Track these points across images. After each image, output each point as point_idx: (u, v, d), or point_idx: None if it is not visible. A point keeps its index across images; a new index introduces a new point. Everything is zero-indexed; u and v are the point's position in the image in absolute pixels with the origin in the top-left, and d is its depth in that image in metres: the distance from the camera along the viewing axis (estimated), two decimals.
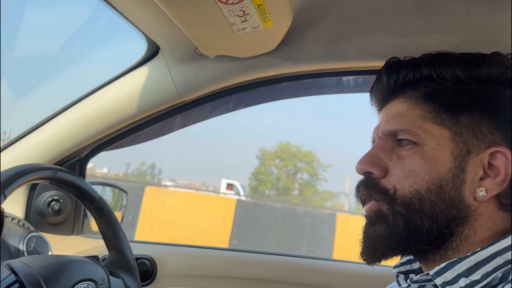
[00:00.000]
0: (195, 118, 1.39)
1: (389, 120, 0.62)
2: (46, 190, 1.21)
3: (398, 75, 0.64)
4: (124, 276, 0.88)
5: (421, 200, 0.56)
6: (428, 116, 0.59)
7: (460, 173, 0.56)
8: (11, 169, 0.70)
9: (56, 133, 1.14)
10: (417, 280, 0.58)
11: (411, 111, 0.60)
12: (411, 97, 0.61)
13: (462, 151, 0.56)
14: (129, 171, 17.09)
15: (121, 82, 1.10)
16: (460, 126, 0.57)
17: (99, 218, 0.89)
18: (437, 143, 0.57)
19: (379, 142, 0.63)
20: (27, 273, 0.70)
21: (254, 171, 19.41)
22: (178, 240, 7.55)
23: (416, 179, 0.56)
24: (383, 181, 0.60)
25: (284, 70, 0.99)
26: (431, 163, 0.56)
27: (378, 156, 0.61)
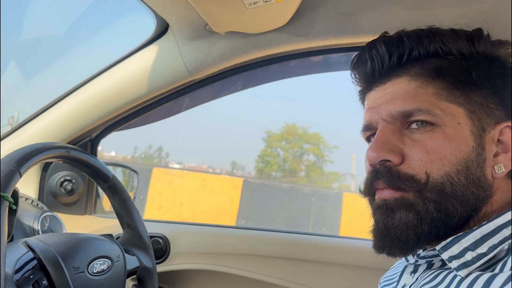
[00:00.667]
0: (204, 98, 1.38)
1: (397, 100, 0.57)
2: (58, 171, 1.22)
3: (401, 50, 0.59)
4: (138, 254, 0.89)
5: (453, 183, 0.53)
6: (442, 94, 0.56)
7: (481, 151, 0.55)
8: (26, 147, 0.70)
9: (66, 114, 1.14)
10: (424, 255, 0.57)
11: (422, 90, 0.56)
12: (419, 74, 0.57)
13: (478, 129, 0.55)
14: (137, 154, 17.17)
15: (130, 62, 1.09)
16: (473, 104, 0.56)
17: (112, 197, 0.90)
18: (456, 122, 0.55)
19: (386, 126, 0.58)
20: (44, 250, 0.71)
21: (261, 153, 19.42)
22: (186, 220, 7.65)
23: (443, 161, 0.53)
24: (403, 167, 0.55)
25: (295, 46, 0.97)
26: (455, 144, 0.54)
27: (390, 141, 0.56)
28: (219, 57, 1.02)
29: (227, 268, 1.17)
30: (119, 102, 1.10)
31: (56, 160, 0.78)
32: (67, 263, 0.70)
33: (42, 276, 0.67)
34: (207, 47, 1.01)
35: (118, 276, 0.79)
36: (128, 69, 1.09)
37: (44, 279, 0.67)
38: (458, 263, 0.51)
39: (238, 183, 8.84)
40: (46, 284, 0.67)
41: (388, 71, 0.60)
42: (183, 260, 1.19)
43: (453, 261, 0.52)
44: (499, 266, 0.48)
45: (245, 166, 14.68)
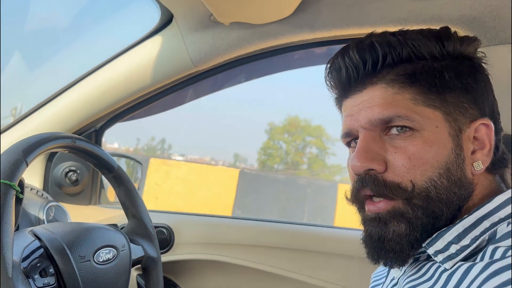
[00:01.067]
0: (208, 89, 1.38)
1: (376, 107, 0.57)
2: (63, 161, 1.22)
3: (375, 56, 0.58)
4: (143, 243, 0.89)
5: (436, 187, 0.54)
6: (419, 99, 0.56)
7: (460, 151, 0.56)
8: (32, 137, 0.71)
9: (71, 104, 1.15)
10: None
11: (399, 96, 0.56)
12: (394, 81, 0.57)
13: (455, 130, 0.56)
14: (139, 146, 17.21)
15: (135, 53, 1.09)
16: (448, 106, 0.56)
17: (117, 187, 0.90)
18: (435, 126, 0.55)
19: (367, 134, 0.57)
20: (51, 239, 0.71)
21: (263, 145, 19.43)
22: (182, 210, 7.72)
23: (426, 166, 0.54)
24: (388, 175, 0.55)
25: (300, 37, 0.97)
26: (435, 147, 0.54)
27: (373, 149, 0.56)
28: (224, 48, 1.01)
29: (230, 258, 1.18)
30: (124, 93, 1.11)
31: (61, 150, 0.78)
32: (73, 252, 0.71)
33: (49, 264, 0.68)
34: (211, 38, 1.01)
35: (123, 265, 0.80)
36: (133, 60, 1.09)
37: (51, 267, 0.68)
38: (443, 257, 0.53)
39: (234, 174, 8.90)
40: (53, 272, 0.68)
41: (364, 79, 0.59)
42: (186, 250, 1.20)
43: (438, 255, 0.54)
44: (479, 256, 0.50)
45: (248, 158, 14.71)
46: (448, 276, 0.51)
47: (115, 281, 0.77)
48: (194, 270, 1.24)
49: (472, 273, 0.47)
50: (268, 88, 25.49)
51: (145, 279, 0.91)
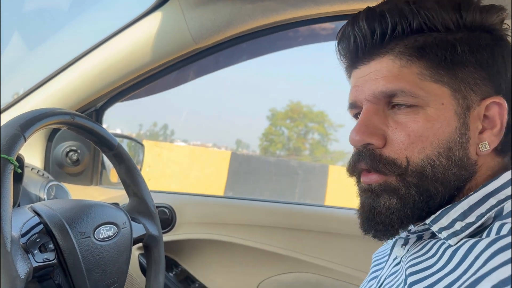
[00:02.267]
0: (210, 68, 1.36)
1: (380, 80, 0.55)
2: (63, 141, 1.21)
3: (384, 27, 0.56)
4: (145, 222, 0.89)
5: (433, 166, 0.53)
6: (426, 74, 0.54)
7: (465, 131, 0.54)
8: (30, 112, 0.69)
9: (71, 83, 1.13)
10: (415, 230, 0.57)
11: (406, 70, 0.54)
12: (403, 53, 0.55)
13: (463, 108, 0.54)
14: (142, 132, 17.23)
15: (134, 30, 1.07)
16: (458, 82, 0.54)
17: (118, 165, 0.89)
18: (440, 103, 0.53)
19: (370, 106, 0.56)
20: (50, 215, 0.70)
21: (265, 131, 19.43)
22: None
23: (424, 144, 0.53)
24: (386, 151, 0.55)
25: (303, 12, 0.95)
26: (437, 126, 0.53)
27: (373, 123, 0.55)
28: (225, 23, 0.99)
29: (231, 238, 1.18)
30: (124, 71, 1.09)
31: (60, 126, 0.77)
32: (73, 228, 0.70)
33: (48, 240, 0.67)
34: (212, 14, 0.98)
35: (124, 242, 0.79)
36: (132, 38, 1.07)
37: (51, 243, 0.67)
38: (447, 233, 0.52)
39: (226, 156, 8.93)
40: (53, 247, 0.67)
41: (371, 49, 0.57)
42: (188, 230, 1.19)
43: (442, 231, 0.53)
44: (485, 232, 0.49)
45: (250, 144, 14.72)
46: (452, 252, 0.49)
47: (116, 258, 0.77)
48: (195, 249, 1.24)
49: (477, 249, 0.46)
50: (270, 73, 25.35)
51: (147, 257, 0.91)
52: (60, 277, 0.69)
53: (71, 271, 0.68)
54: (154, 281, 0.89)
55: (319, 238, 1.17)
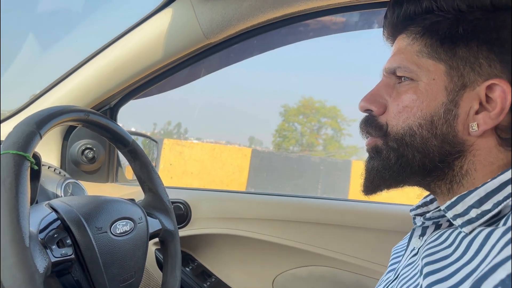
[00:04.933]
0: (221, 63, 1.36)
1: (391, 57, 0.61)
2: (79, 139, 1.23)
3: (401, 9, 0.61)
4: (160, 217, 0.89)
5: (412, 135, 0.56)
6: (425, 51, 0.57)
7: (452, 107, 0.54)
8: (45, 109, 0.70)
9: (84, 82, 1.14)
10: (430, 217, 0.59)
11: (409, 47, 0.59)
12: (411, 32, 0.60)
13: (456, 85, 0.55)
14: (156, 130, 17.36)
15: (145, 27, 1.08)
16: (457, 60, 0.55)
17: (133, 161, 0.90)
18: (432, 78, 0.56)
19: (383, 79, 0.63)
20: (67, 211, 0.71)
21: (278, 127, 19.40)
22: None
23: (408, 114, 0.57)
24: (381, 117, 0.61)
25: (314, 3, 0.94)
26: (423, 98, 0.56)
27: (379, 93, 0.62)
28: (236, 18, 0.99)
29: (246, 232, 1.18)
30: (136, 68, 1.09)
31: (75, 123, 0.78)
32: (90, 223, 0.71)
33: (66, 235, 0.68)
34: (223, 8, 0.98)
35: (140, 237, 0.80)
36: (144, 35, 1.07)
37: (68, 238, 0.68)
38: (462, 221, 0.52)
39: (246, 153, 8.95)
40: (70, 243, 0.68)
41: (393, 29, 0.63)
42: (203, 225, 1.20)
43: (457, 219, 0.53)
44: (502, 221, 0.48)
45: (263, 141, 14.71)
46: (469, 242, 0.49)
47: (133, 253, 0.77)
48: (211, 244, 1.24)
49: (493, 237, 0.45)
50: (282, 69, 25.25)
51: (163, 252, 0.92)
52: (78, 272, 0.70)
53: (89, 266, 0.69)
54: (171, 276, 0.89)
55: (335, 231, 1.17)
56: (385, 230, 1.12)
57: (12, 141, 0.62)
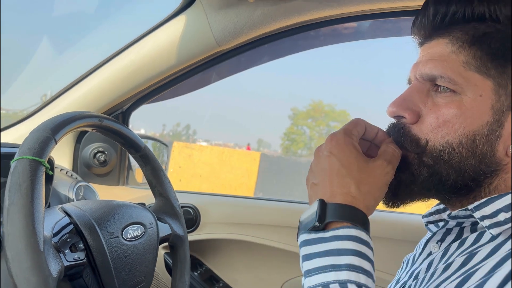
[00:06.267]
0: (231, 70, 1.37)
1: (429, 62, 0.56)
2: (91, 142, 1.24)
3: (447, 10, 0.56)
4: (170, 221, 0.90)
5: (451, 153, 0.53)
6: (473, 64, 0.53)
7: (497, 128, 0.52)
8: (60, 115, 0.71)
9: (97, 86, 1.16)
10: (455, 215, 0.56)
11: (454, 56, 0.54)
12: (457, 39, 0.55)
13: (503, 105, 0.52)
14: (165, 132, 17.46)
15: (159, 33, 1.09)
16: (506, 78, 0.52)
17: (144, 166, 0.91)
18: (478, 94, 0.52)
19: (415, 84, 0.58)
20: (80, 215, 0.73)
21: (287, 130, 19.40)
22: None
23: (449, 130, 0.53)
24: (415, 128, 0.56)
25: (326, 12, 0.94)
26: (467, 115, 0.52)
27: (412, 99, 0.57)
28: (248, 26, 1.00)
29: (255, 238, 1.19)
30: (149, 74, 1.11)
31: (89, 129, 0.79)
32: (102, 228, 0.72)
33: (78, 239, 0.69)
34: (235, 16, 0.99)
35: (151, 242, 0.81)
36: (157, 41, 1.09)
37: (81, 243, 0.69)
38: (490, 222, 0.51)
39: (256, 156, 8.94)
40: (83, 247, 0.69)
41: (432, 30, 0.58)
42: (212, 230, 1.21)
43: (485, 219, 0.52)
44: None
45: (271, 144, 14.71)
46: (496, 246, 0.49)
47: (143, 257, 0.78)
48: (219, 249, 1.25)
49: None
50: (292, 72, 25.25)
51: (172, 257, 0.93)
52: (89, 276, 0.71)
53: (100, 270, 0.70)
54: (180, 280, 0.90)
55: None
56: (398, 240, 1.12)
57: (28, 147, 0.63)
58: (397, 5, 0.88)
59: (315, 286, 0.49)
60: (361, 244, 0.50)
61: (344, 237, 0.50)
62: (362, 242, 0.51)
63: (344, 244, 0.50)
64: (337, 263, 0.49)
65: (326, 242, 0.51)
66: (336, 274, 0.48)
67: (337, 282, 0.48)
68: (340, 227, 0.51)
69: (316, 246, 0.51)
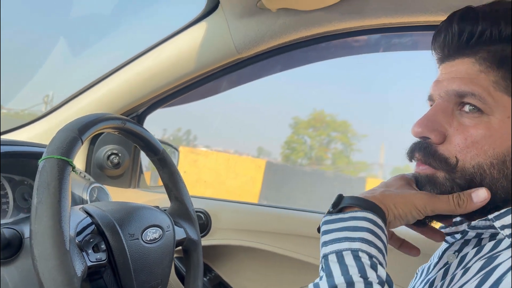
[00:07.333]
0: (246, 78, 1.38)
1: (457, 80, 0.56)
2: (105, 144, 1.25)
3: (473, 30, 0.56)
4: (185, 226, 0.91)
5: (483, 175, 0.53)
6: (502, 84, 0.53)
7: None
8: (86, 116, 0.72)
9: (116, 89, 1.17)
10: (475, 225, 0.56)
11: (483, 75, 0.54)
12: (484, 59, 0.55)
13: None
14: (166, 136, 17.48)
15: (180, 39, 1.10)
16: None
17: (162, 169, 0.92)
18: (506, 116, 0.53)
19: (440, 103, 0.58)
20: (102, 216, 0.73)
21: (287, 139, 19.37)
22: None
23: (479, 151, 0.53)
24: (442, 148, 0.56)
25: (346, 24, 0.96)
26: (497, 136, 0.53)
27: (437, 120, 0.57)
28: (268, 35, 1.01)
29: (265, 246, 1.19)
30: (167, 79, 1.12)
31: (112, 131, 0.80)
32: (123, 230, 0.72)
33: (100, 240, 0.70)
34: (256, 25, 1.00)
35: (168, 245, 0.81)
36: (178, 46, 1.10)
37: (103, 243, 0.70)
38: (510, 231, 0.52)
39: (261, 164, 8.94)
40: (104, 248, 0.70)
41: (457, 49, 0.58)
42: (223, 236, 1.21)
43: (505, 229, 0.52)
44: None
45: (272, 152, 14.71)
46: None
47: (160, 260, 0.79)
48: (230, 255, 1.25)
49: None
50: (294, 81, 25.31)
51: (186, 261, 0.93)
52: (109, 277, 0.71)
53: (120, 271, 0.71)
54: (193, 286, 0.90)
55: None
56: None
57: (56, 146, 0.64)
58: (419, 19, 0.89)
59: (330, 252, 0.52)
60: (376, 226, 0.53)
61: (361, 218, 0.53)
62: (377, 225, 0.53)
63: (360, 223, 0.53)
64: (352, 236, 0.52)
65: (344, 221, 0.54)
66: (350, 244, 0.51)
67: (349, 250, 0.51)
68: (358, 210, 0.55)
69: (335, 224, 0.55)
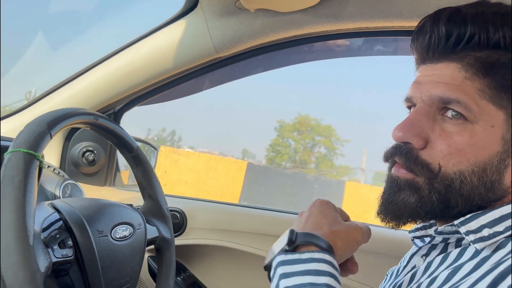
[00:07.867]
0: (226, 78, 1.38)
1: (441, 85, 0.55)
2: (80, 141, 1.23)
3: (461, 33, 0.55)
4: (158, 224, 0.90)
5: (462, 182, 0.53)
6: (487, 93, 0.53)
7: (506, 157, 0.53)
8: (57, 111, 0.71)
9: (92, 85, 1.16)
10: (442, 231, 0.57)
11: (469, 82, 0.53)
12: (471, 66, 0.54)
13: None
14: (150, 136, 17.34)
15: (158, 36, 1.10)
16: None
17: (136, 167, 0.91)
18: (490, 125, 0.53)
19: (422, 107, 0.56)
20: (70, 212, 0.72)
21: (272, 142, 19.48)
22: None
23: (461, 158, 0.53)
24: (424, 153, 0.55)
25: (324, 27, 0.96)
26: (480, 145, 0.52)
27: (419, 125, 0.56)
28: (247, 35, 1.01)
29: (241, 246, 1.19)
30: (145, 76, 1.11)
31: (84, 126, 0.79)
32: (92, 226, 0.71)
33: (67, 236, 0.69)
34: (235, 24, 1.01)
35: (138, 243, 0.81)
36: (156, 44, 1.09)
37: (69, 240, 0.69)
38: (475, 237, 0.52)
39: (242, 165, 8.96)
40: (71, 244, 0.69)
41: (442, 52, 0.57)
42: (198, 235, 1.20)
43: (470, 234, 0.53)
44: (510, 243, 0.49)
45: (256, 154, 14.75)
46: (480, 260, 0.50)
47: (130, 258, 0.78)
48: (204, 255, 1.24)
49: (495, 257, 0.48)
50: (280, 85, 25.40)
51: (158, 260, 0.92)
52: (75, 274, 0.70)
53: (87, 268, 0.70)
54: (165, 284, 0.90)
55: None
56: (381, 254, 1.13)
57: (23, 140, 0.63)
58: (394, 24, 0.90)
59: None
60: (334, 269, 0.52)
61: (320, 260, 0.52)
62: (335, 268, 0.52)
63: (320, 266, 0.51)
64: (316, 282, 0.50)
65: (303, 263, 0.52)
66: None
67: None
68: (316, 251, 0.53)
69: (293, 266, 0.52)
